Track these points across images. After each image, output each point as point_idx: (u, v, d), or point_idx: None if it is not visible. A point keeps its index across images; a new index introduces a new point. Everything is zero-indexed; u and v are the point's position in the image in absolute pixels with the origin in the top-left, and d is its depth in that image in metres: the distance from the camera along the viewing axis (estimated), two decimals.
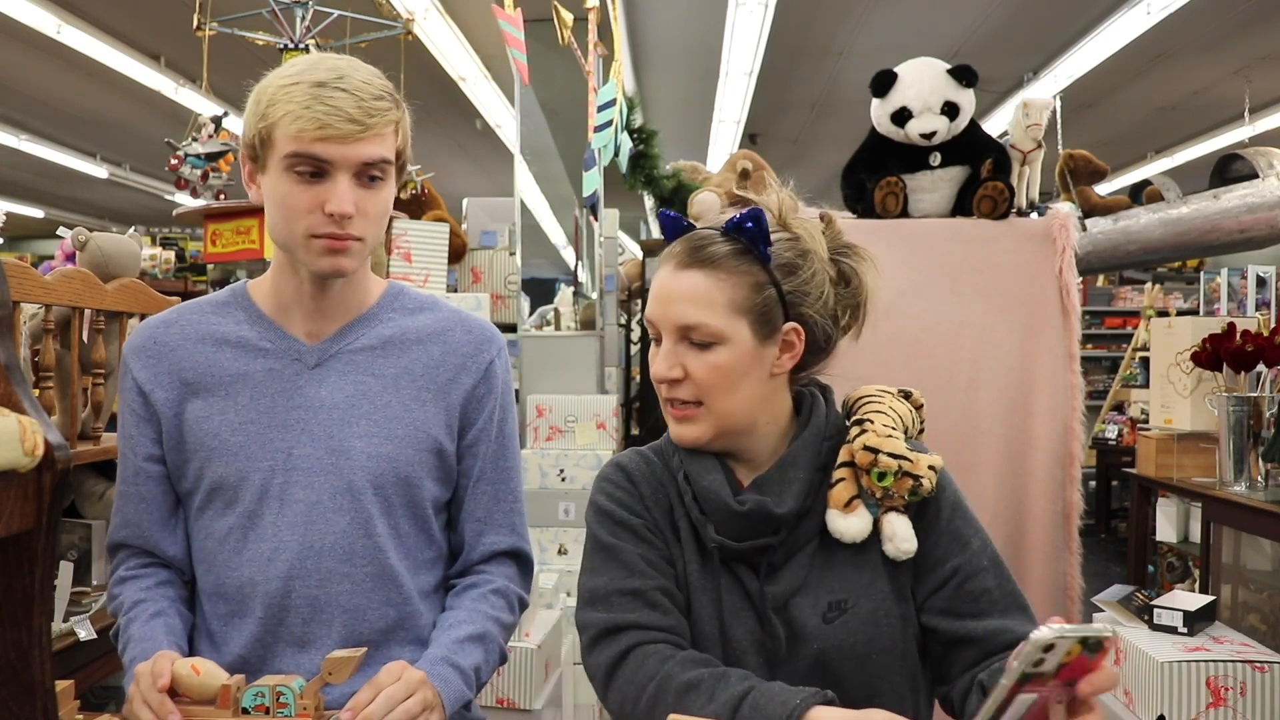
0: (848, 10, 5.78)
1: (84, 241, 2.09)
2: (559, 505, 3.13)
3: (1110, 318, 8.09)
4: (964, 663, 1.02)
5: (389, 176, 1.10)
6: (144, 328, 1.19)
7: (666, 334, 1.05)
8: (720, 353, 1.03)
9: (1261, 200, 2.46)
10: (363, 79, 1.06)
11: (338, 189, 1.04)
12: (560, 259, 3.84)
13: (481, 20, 5.29)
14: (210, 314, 1.18)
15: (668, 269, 1.06)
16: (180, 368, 1.15)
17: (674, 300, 1.04)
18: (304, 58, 1.09)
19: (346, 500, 1.13)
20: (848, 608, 1.02)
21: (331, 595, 1.12)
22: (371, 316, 1.19)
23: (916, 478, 1.02)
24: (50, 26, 5.64)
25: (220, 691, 0.96)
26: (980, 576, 1.03)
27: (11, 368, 0.92)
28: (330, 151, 1.03)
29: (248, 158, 1.10)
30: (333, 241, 1.07)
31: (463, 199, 4.43)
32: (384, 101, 1.06)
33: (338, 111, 1.02)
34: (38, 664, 0.84)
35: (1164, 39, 5.95)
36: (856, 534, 1.03)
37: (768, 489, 1.04)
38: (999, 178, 2.40)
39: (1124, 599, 2.27)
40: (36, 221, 13.05)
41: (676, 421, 1.07)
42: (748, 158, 2.55)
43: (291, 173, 1.05)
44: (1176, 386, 2.92)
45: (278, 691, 0.96)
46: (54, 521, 0.89)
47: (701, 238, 1.06)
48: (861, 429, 1.06)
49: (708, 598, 1.05)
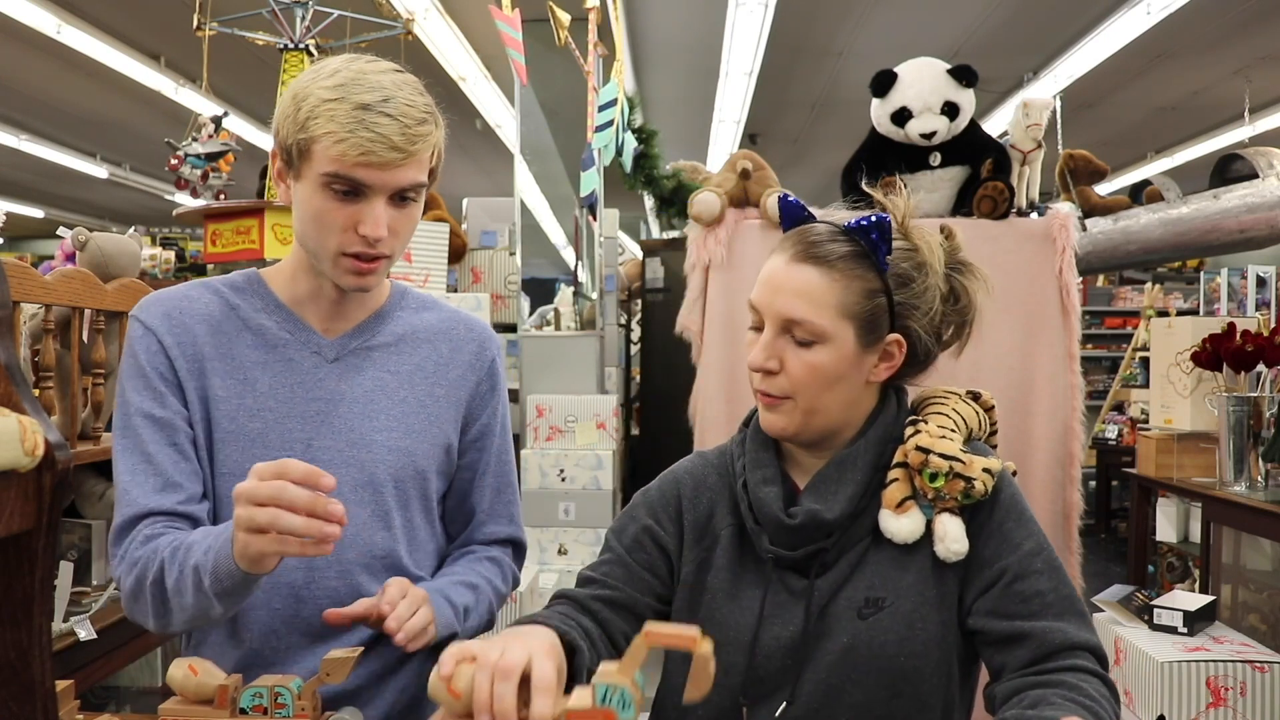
0: (848, 10, 5.78)
1: (84, 241, 2.09)
2: (559, 505, 3.13)
3: (1110, 318, 8.10)
4: (1016, 662, 0.97)
5: (421, 197, 1.10)
6: (159, 298, 1.14)
7: (769, 323, 1.03)
8: (820, 352, 1.01)
9: (1261, 200, 2.46)
10: (407, 100, 1.04)
11: (374, 212, 1.04)
12: (560, 259, 3.83)
13: (481, 20, 5.29)
14: (228, 294, 1.16)
15: (781, 259, 1.04)
16: (201, 342, 1.12)
17: (783, 292, 1.02)
18: (347, 67, 1.05)
19: (368, 493, 1.14)
20: (885, 606, 1.01)
21: (351, 588, 1.12)
22: (384, 314, 1.20)
23: (969, 479, 1.00)
24: (50, 26, 5.65)
25: (217, 692, 0.96)
26: (1032, 579, 0.99)
27: (11, 368, 0.92)
28: (371, 177, 1.03)
29: (279, 158, 1.09)
30: (361, 263, 1.07)
31: (463, 199, 4.43)
32: (426, 125, 1.05)
33: (382, 140, 1.01)
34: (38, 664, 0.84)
35: (1164, 39, 5.95)
36: (908, 535, 1.02)
37: (821, 490, 1.04)
38: (999, 178, 2.40)
39: (1124, 599, 2.27)
40: (36, 221, 13.06)
41: (765, 408, 1.06)
42: (748, 158, 2.55)
43: (328, 189, 1.04)
44: (1176, 386, 2.92)
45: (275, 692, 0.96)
46: (54, 521, 0.89)
47: (821, 233, 1.04)
48: (915, 429, 1.05)
49: (748, 604, 1.05)
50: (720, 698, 1.04)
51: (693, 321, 2.50)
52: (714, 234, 2.47)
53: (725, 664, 1.03)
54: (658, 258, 4.62)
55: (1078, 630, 0.96)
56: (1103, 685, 0.92)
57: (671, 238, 5.10)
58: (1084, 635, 0.96)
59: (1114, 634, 2.15)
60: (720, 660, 1.02)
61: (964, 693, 1.05)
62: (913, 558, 1.03)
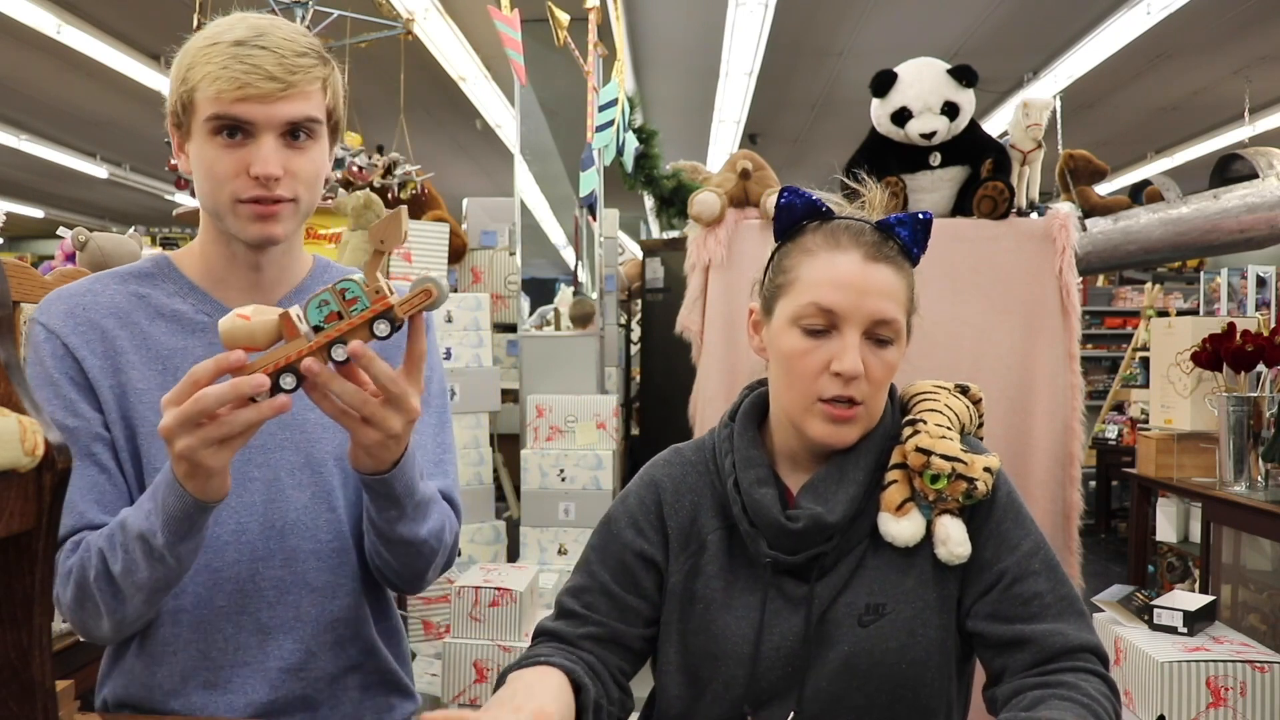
0: (848, 10, 5.78)
1: (84, 241, 2.09)
2: (559, 505, 3.13)
3: (1110, 318, 8.09)
4: (1017, 666, 0.96)
5: (319, 136, 1.05)
6: (60, 295, 1.07)
7: (852, 326, 0.98)
8: (893, 351, 1.01)
9: (1261, 200, 2.46)
10: (285, 36, 1.01)
11: (262, 150, 0.99)
12: (560, 259, 3.83)
13: (481, 20, 5.28)
14: (134, 284, 1.10)
15: (853, 256, 0.99)
16: (112, 336, 1.05)
17: (870, 293, 0.98)
18: (226, 18, 1.03)
19: (306, 475, 1.09)
20: (885, 612, 0.99)
21: (298, 574, 1.08)
22: (306, 289, 1.14)
23: (971, 480, 0.98)
24: (50, 26, 5.64)
25: (281, 322, 0.86)
26: (1030, 580, 0.98)
27: (11, 368, 0.92)
28: (252, 112, 0.98)
29: (173, 126, 1.05)
30: (260, 206, 1.01)
31: (463, 199, 4.44)
32: (308, 58, 1.01)
33: (257, 70, 0.97)
34: (38, 664, 0.84)
35: (1164, 39, 5.95)
36: (909, 538, 0.99)
37: (822, 492, 1.01)
38: (999, 178, 2.40)
39: (1124, 599, 2.27)
40: (36, 221, 13.06)
41: (837, 423, 0.99)
42: (748, 158, 2.55)
43: (215, 136, 1.00)
44: (1176, 386, 2.92)
45: (341, 290, 0.86)
46: (54, 521, 0.89)
47: (881, 232, 1.02)
48: (914, 429, 1.02)
49: (744, 613, 1.02)
50: (722, 709, 1.02)
51: (693, 321, 2.50)
52: (714, 234, 2.47)
53: (725, 676, 1.01)
54: (658, 258, 4.62)
55: (1077, 631, 0.96)
56: (1103, 684, 0.92)
57: (671, 238, 5.09)
58: (1083, 636, 0.96)
59: (1114, 634, 2.15)
60: (719, 673, 1.01)
61: (960, 690, 1.05)
62: (912, 561, 1.00)
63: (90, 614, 1.00)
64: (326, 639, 1.10)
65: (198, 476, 0.89)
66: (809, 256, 1.02)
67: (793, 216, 1.05)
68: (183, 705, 1.07)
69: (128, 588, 0.97)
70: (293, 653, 1.09)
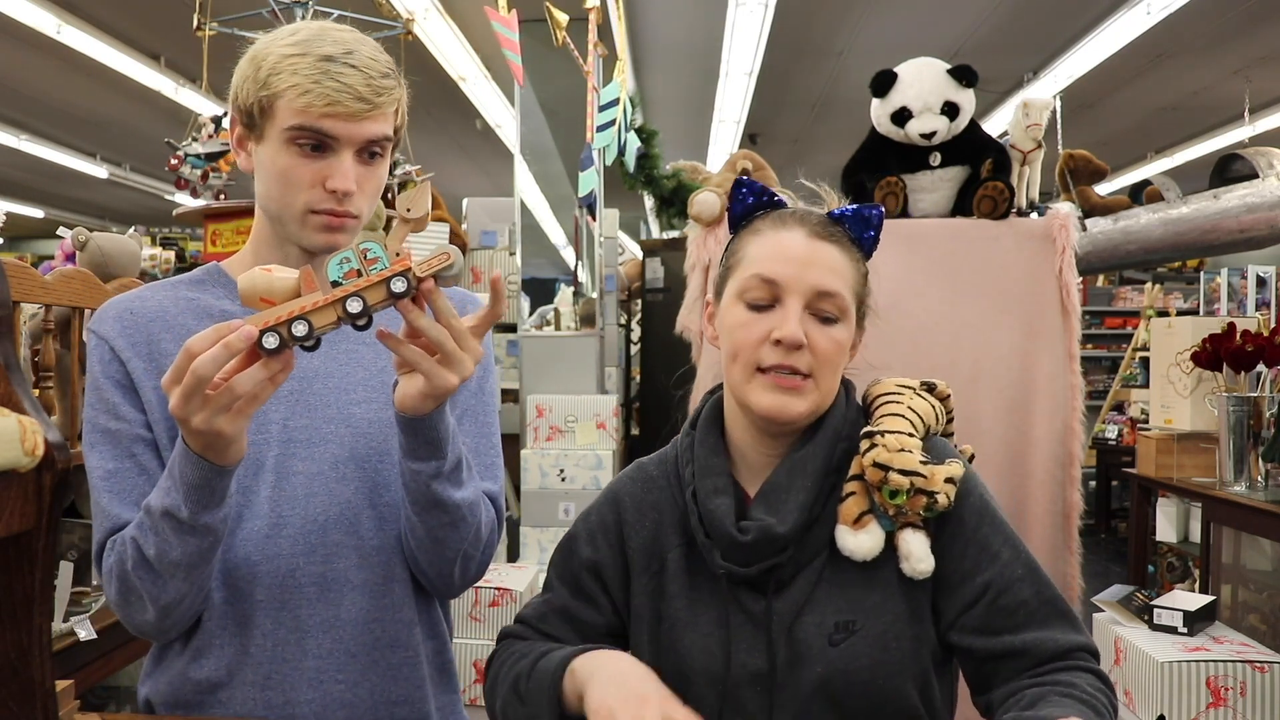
0: (848, 10, 5.78)
1: (84, 241, 2.09)
2: (559, 505, 3.13)
3: (1110, 318, 8.10)
4: (1007, 673, 0.95)
5: (387, 153, 1.09)
6: (115, 303, 1.11)
7: (794, 297, 0.98)
8: (840, 330, 1.00)
9: (1261, 200, 2.46)
10: (370, 55, 1.04)
11: (342, 165, 1.03)
12: (560, 259, 3.84)
13: (481, 20, 5.28)
14: (186, 290, 1.13)
15: (799, 234, 1.00)
16: (159, 339, 1.08)
17: (814, 265, 0.99)
18: (305, 26, 1.06)
19: (351, 469, 1.09)
20: (856, 629, 0.96)
21: (339, 571, 1.08)
22: None
23: (931, 494, 0.95)
24: (50, 26, 5.65)
25: (302, 276, 0.87)
26: (1015, 589, 0.96)
27: (11, 368, 0.92)
28: (337, 128, 1.02)
29: (240, 123, 1.07)
30: (332, 218, 1.05)
31: (463, 199, 4.44)
32: (389, 79, 1.05)
33: (347, 89, 1.01)
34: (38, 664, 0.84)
35: (1164, 39, 5.95)
36: (866, 552, 0.97)
37: (772, 500, 0.99)
38: (999, 178, 2.40)
39: (1124, 599, 2.27)
40: (36, 221, 13.06)
41: (784, 391, 0.98)
42: (748, 158, 2.55)
43: (293, 145, 1.03)
44: (1176, 386, 2.92)
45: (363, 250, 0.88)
46: (54, 521, 0.89)
47: (827, 217, 1.03)
48: (872, 442, 0.98)
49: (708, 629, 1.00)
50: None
51: (693, 321, 2.50)
52: (714, 234, 2.47)
53: (696, 697, 0.98)
54: (658, 258, 4.62)
55: (1065, 634, 0.95)
56: (1097, 680, 0.92)
57: (671, 238, 5.09)
58: (1071, 637, 0.95)
59: (1114, 634, 2.15)
60: (691, 693, 0.98)
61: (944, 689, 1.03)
62: (877, 572, 0.98)
63: (135, 606, 1.01)
64: (365, 639, 1.09)
65: (217, 446, 0.89)
66: (756, 236, 1.03)
67: (745, 207, 1.06)
68: (222, 703, 1.07)
69: (164, 569, 0.97)
70: (331, 652, 1.08)
